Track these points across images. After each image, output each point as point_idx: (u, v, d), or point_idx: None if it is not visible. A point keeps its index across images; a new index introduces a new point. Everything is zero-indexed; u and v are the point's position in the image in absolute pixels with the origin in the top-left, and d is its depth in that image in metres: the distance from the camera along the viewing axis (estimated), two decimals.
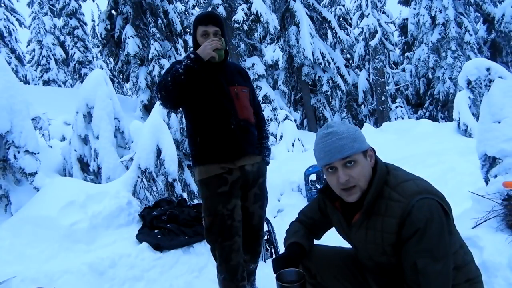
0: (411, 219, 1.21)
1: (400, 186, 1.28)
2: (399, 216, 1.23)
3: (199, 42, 2.07)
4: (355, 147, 1.28)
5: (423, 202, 1.21)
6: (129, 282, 2.72)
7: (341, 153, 1.27)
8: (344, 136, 1.28)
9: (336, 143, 1.28)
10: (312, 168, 5.33)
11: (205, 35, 2.06)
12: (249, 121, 2.14)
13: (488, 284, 1.92)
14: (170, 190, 4.00)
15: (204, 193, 2.10)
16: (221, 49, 2.03)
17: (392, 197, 1.27)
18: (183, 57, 2.04)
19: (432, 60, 16.33)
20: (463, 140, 7.00)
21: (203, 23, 2.08)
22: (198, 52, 1.97)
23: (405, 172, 1.37)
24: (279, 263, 1.43)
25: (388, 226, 1.26)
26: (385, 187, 1.31)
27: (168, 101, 2.04)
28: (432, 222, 1.20)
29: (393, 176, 1.33)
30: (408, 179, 1.31)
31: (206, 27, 2.07)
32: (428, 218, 1.19)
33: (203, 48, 1.97)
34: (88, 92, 5.01)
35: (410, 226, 1.21)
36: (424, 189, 1.25)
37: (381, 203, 1.29)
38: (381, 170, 1.33)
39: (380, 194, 1.30)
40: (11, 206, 3.53)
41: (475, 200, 2.51)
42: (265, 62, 17.00)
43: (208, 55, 1.97)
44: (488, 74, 3.04)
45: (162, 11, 12.05)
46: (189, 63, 1.94)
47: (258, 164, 2.20)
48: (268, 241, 3.44)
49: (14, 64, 20.02)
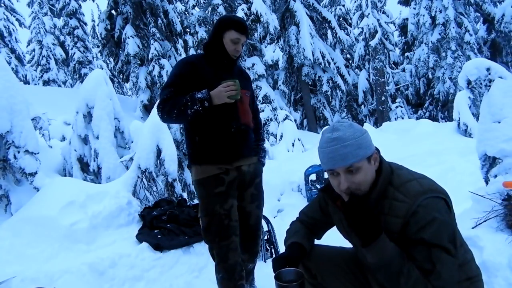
0: (416, 218, 1.21)
1: (404, 186, 1.28)
2: (403, 216, 1.23)
3: (225, 43, 2.05)
4: (359, 155, 1.26)
5: (428, 202, 1.22)
6: (129, 282, 2.72)
7: (345, 161, 1.26)
8: (348, 144, 1.26)
9: (340, 151, 1.26)
10: (312, 168, 5.33)
11: (237, 43, 2.05)
12: (249, 126, 2.16)
13: (488, 284, 1.92)
14: (170, 190, 4.00)
15: (201, 193, 2.11)
16: (237, 95, 1.97)
17: (396, 197, 1.27)
18: (197, 95, 1.93)
19: (432, 60, 16.33)
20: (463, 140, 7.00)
21: (240, 30, 2.06)
22: (212, 96, 1.93)
23: (409, 171, 1.37)
24: (278, 263, 1.43)
25: (391, 225, 1.26)
26: (389, 187, 1.31)
27: (168, 123, 2.34)
28: (440, 217, 1.21)
29: (397, 175, 1.33)
30: (412, 178, 1.31)
31: (240, 35, 2.06)
32: (434, 215, 1.20)
33: (218, 94, 1.93)
34: (88, 92, 5.01)
35: (415, 224, 1.21)
36: (428, 189, 1.25)
37: (384, 203, 1.30)
38: (385, 171, 1.33)
39: (384, 194, 1.30)
40: (11, 206, 3.54)
41: (475, 200, 2.51)
42: (265, 62, 16.98)
43: (222, 102, 1.96)
44: (488, 74, 3.04)
45: (162, 11, 12.04)
46: (200, 110, 1.93)
47: (254, 165, 2.23)
48: (268, 241, 3.44)
49: (14, 64, 20.02)
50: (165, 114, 2.01)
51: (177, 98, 1.98)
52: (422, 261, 1.20)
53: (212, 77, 2.04)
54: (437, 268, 1.18)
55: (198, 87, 2.00)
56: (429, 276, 1.19)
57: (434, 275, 1.18)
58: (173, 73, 2.08)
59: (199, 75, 2.04)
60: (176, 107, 1.95)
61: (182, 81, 2.03)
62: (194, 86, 2.00)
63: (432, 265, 1.18)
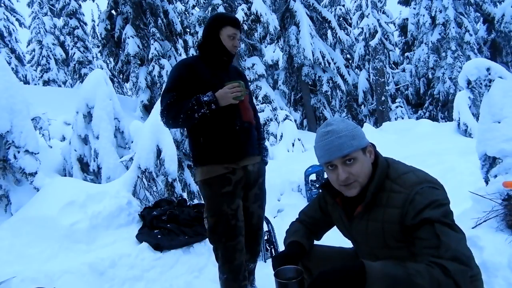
0: (414, 205, 1.22)
1: (400, 178, 1.30)
2: (401, 205, 1.25)
3: (223, 40, 2.07)
4: (354, 145, 1.30)
5: (424, 190, 1.24)
6: (129, 282, 2.71)
7: (341, 151, 1.29)
8: (343, 135, 1.30)
9: (335, 142, 1.30)
10: (312, 168, 5.33)
11: (234, 38, 2.08)
12: (251, 123, 2.17)
13: (488, 284, 1.92)
14: (170, 190, 4.00)
15: (207, 193, 2.10)
16: (241, 96, 2.00)
17: (394, 189, 1.29)
18: (203, 98, 1.94)
19: (432, 60, 16.33)
20: (463, 140, 7.01)
21: (235, 25, 2.09)
22: (218, 98, 1.95)
23: (404, 165, 1.39)
24: (278, 261, 1.44)
25: (390, 216, 1.28)
26: (386, 180, 1.33)
27: (173, 128, 2.23)
28: (437, 199, 1.21)
29: (393, 169, 1.35)
30: (408, 170, 1.33)
31: (236, 30, 2.09)
32: (431, 199, 1.21)
33: (224, 95, 1.95)
34: (88, 92, 5.01)
35: (413, 210, 1.21)
36: (424, 179, 1.28)
37: (382, 196, 1.31)
38: (381, 164, 1.36)
39: (382, 187, 1.33)
40: (11, 206, 3.54)
41: (475, 200, 2.51)
42: (265, 62, 16.99)
43: (227, 103, 1.98)
44: (488, 74, 3.03)
45: (162, 11, 12.04)
46: (208, 113, 1.94)
47: (258, 164, 2.23)
48: (268, 241, 3.44)
49: (14, 64, 20.04)
50: (170, 119, 2.01)
51: (181, 103, 1.97)
52: (427, 238, 1.17)
53: (210, 77, 2.05)
54: (443, 240, 1.14)
55: (198, 88, 2.00)
56: (439, 250, 1.14)
57: (442, 247, 1.14)
58: (173, 76, 2.07)
59: (197, 76, 2.04)
60: (182, 112, 1.95)
61: (182, 84, 2.02)
62: (194, 88, 2.00)
63: (437, 239, 1.15)
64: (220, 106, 1.96)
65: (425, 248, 1.17)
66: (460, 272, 1.11)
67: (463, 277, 1.12)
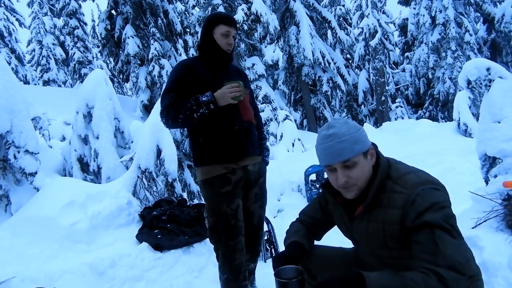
0: (414, 206, 1.21)
1: (401, 178, 1.30)
2: (402, 206, 1.24)
3: (217, 40, 2.07)
4: (355, 150, 1.28)
5: (425, 191, 1.23)
6: (129, 282, 2.71)
7: (341, 156, 1.28)
8: (344, 139, 1.28)
9: (336, 146, 1.28)
10: (312, 168, 5.33)
11: (227, 36, 2.07)
12: (251, 123, 2.17)
13: (488, 284, 1.92)
14: (170, 190, 4.00)
15: (207, 193, 2.10)
16: (240, 96, 2.00)
17: (395, 190, 1.29)
18: (202, 99, 1.95)
19: (432, 60, 16.34)
20: (463, 140, 7.01)
21: (227, 23, 2.08)
22: (216, 98, 1.95)
23: (406, 165, 1.38)
24: (278, 261, 1.44)
25: (391, 216, 1.27)
26: (387, 180, 1.32)
27: (172, 128, 2.33)
28: (438, 201, 1.21)
29: (394, 169, 1.35)
30: (409, 171, 1.33)
31: (229, 28, 2.08)
32: (432, 201, 1.20)
33: (223, 95, 1.95)
34: (88, 92, 5.01)
35: (414, 211, 1.21)
36: (425, 180, 1.27)
37: (383, 196, 1.31)
38: (383, 165, 1.35)
39: (383, 187, 1.32)
40: (11, 206, 3.53)
41: (475, 200, 2.51)
42: (265, 62, 16.99)
43: (226, 103, 1.97)
44: (488, 74, 3.03)
45: (162, 11, 12.04)
46: (207, 113, 1.95)
47: (259, 164, 2.23)
48: (268, 241, 3.44)
49: (14, 64, 20.02)
50: (170, 120, 2.02)
51: (181, 103, 1.98)
52: (425, 243, 1.17)
53: (210, 78, 2.05)
54: (441, 247, 1.15)
55: (197, 88, 2.00)
56: (435, 257, 1.14)
57: (440, 255, 1.14)
58: (172, 77, 2.09)
59: (197, 77, 2.05)
60: (182, 112, 1.96)
61: (182, 84, 2.03)
62: (194, 89, 2.01)
63: (435, 246, 1.15)
64: (219, 106, 1.97)
65: (422, 253, 1.18)
66: (456, 281, 1.12)
67: (458, 286, 1.13)
